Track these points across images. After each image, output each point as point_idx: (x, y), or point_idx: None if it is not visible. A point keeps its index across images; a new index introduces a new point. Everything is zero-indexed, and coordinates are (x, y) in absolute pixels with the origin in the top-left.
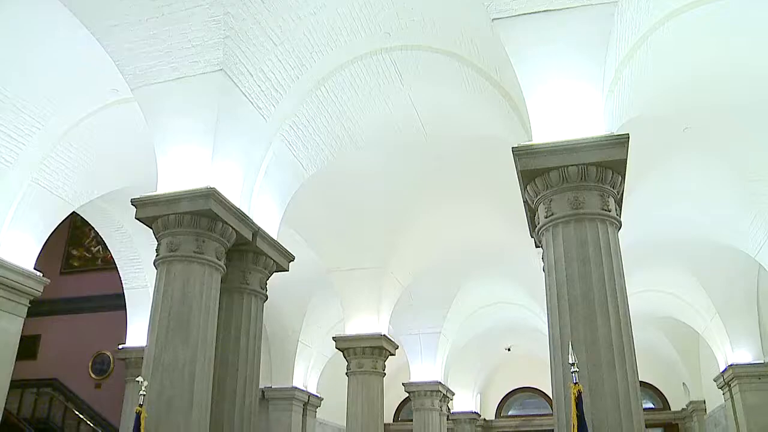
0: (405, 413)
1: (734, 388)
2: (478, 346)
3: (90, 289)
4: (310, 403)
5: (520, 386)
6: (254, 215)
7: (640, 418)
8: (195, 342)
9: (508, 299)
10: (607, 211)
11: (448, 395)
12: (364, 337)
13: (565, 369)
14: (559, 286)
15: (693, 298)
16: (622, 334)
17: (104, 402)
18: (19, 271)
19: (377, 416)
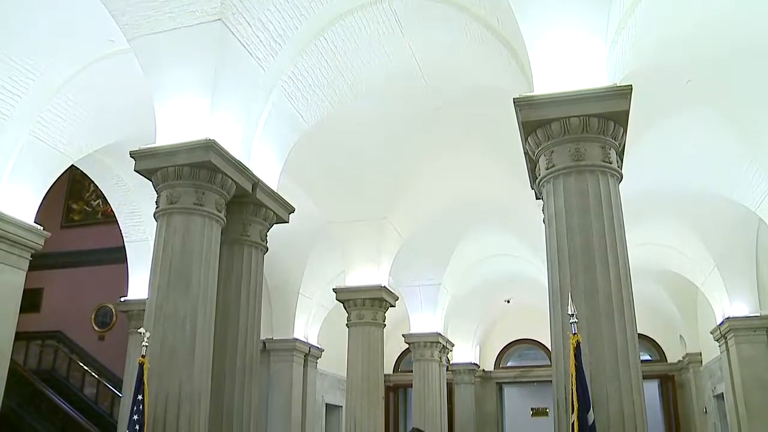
0: (405, 364)
1: (730, 340)
2: (478, 298)
3: (91, 242)
4: (310, 355)
5: (519, 338)
6: (254, 167)
7: (637, 369)
8: (196, 293)
9: (508, 251)
10: (608, 163)
11: (448, 346)
12: (364, 288)
13: (564, 320)
14: (559, 238)
15: (692, 251)
16: (622, 285)
17: (108, 353)
18: (20, 224)
19: (377, 367)
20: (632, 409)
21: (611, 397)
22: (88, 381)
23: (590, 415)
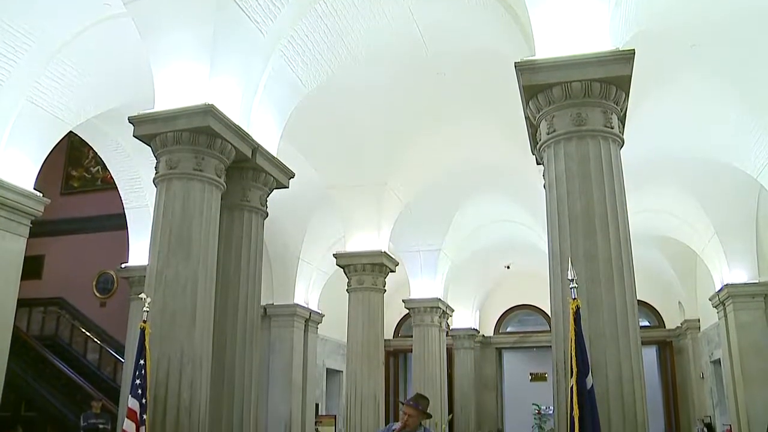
0: (405, 329)
1: (728, 307)
2: (478, 264)
3: (91, 209)
4: (311, 320)
5: (519, 303)
6: (253, 132)
7: (636, 334)
8: (196, 258)
9: (508, 217)
10: (609, 128)
11: (448, 312)
12: (364, 253)
13: (564, 284)
14: (560, 202)
15: (692, 218)
16: (622, 250)
17: (109, 319)
18: (19, 191)
19: (377, 332)
20: (630, 373)
21: (610, 362)
22: (91, 347)
23: (589, 379)
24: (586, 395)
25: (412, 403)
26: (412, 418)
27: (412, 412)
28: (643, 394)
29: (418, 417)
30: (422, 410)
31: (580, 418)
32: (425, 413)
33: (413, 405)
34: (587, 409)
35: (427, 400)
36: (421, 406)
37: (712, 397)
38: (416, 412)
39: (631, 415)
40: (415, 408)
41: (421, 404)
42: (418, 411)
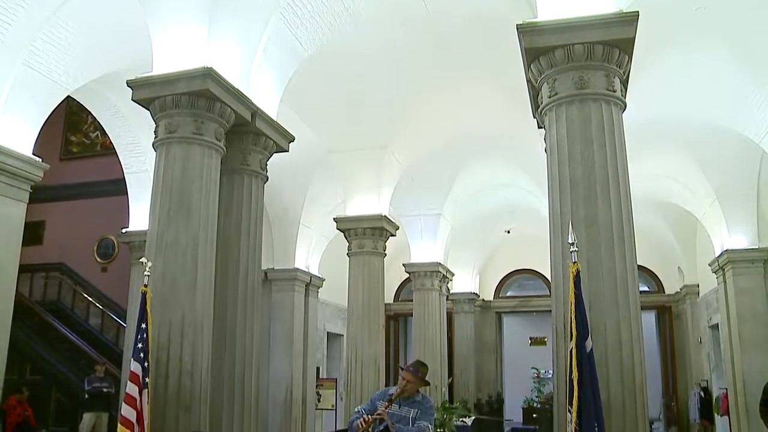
0: (405, 293)
1: (728, 272)
2: (478, 228)
3: (91, 174)
4: (311, 284)
5: (519, 268)
6: (253, 95)
7: (636, 298)
8: (196, 222)
9: (508, 181)
10: (611, 92)
11: (448, 276)
12: (364, 217)
13: (564, 248)
14: (561, 166)
15: (693, 183)
16: (623, 215)
17: (111, 284)
18: (18, 156)
19: (378, 296)
20: (630, 337)
21: (609, 326)
22: (93, 312)
23: (588, 342)
24: (585, 358)
25: (411, 369)
26: (410, 384)
27: (411, 378)
28: (641, 358)
29: (417, 383)
30: (421, 377)
31: (579, 381)
32: (424, 380)
33: (413, 371)
34: (586, 372)
35: (426, 368)
36: (421, 373)
37: (710, 362)
38: (415, 378)
39: (630, 379)
40: (414, 374)
41: (420, 371)
42: (417, 378)
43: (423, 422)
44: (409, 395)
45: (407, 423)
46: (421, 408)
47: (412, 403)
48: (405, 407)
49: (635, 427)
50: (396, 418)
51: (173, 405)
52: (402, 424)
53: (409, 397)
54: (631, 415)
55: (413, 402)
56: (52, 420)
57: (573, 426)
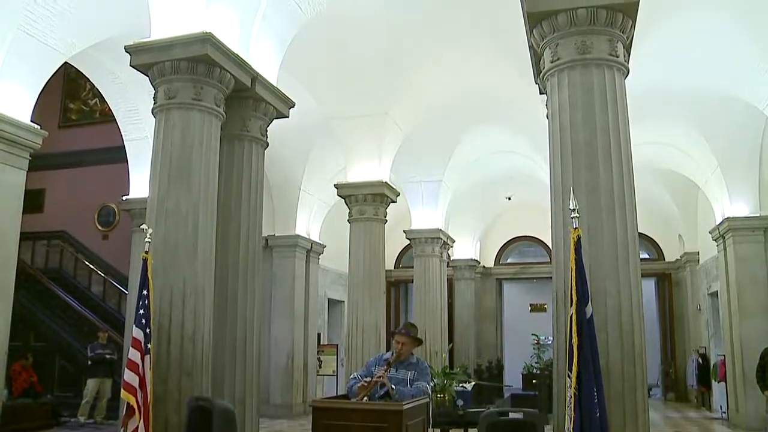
0: (406, 260)
1: (728, 240)
2: (479, 195)
3: (90, 142)
4: (312, 251)
5: (519, 235)
6: (252, 61)
7: (636, 264)
8: (197, 189)
9: (510, 148)
10: (614, 57)
11: (449, 242)
12: (365, 184)
13: (566, 214)
14: (563, 132)
15: (695, 150)
16: (624, 181)
17: (112, 252)
18: (16, 123)
19: (379, 262)
20: (630, 303)
21: (609, 292)
22: (95, 279)
23: (588, 308)
24: (585, 324)
25: (404, 332)
26: (405, 346)
27: (405, 340)
28: (641, 324)
29: (411, 344)
30: (414, 336)
31: (579, 346)
32: (417, 339)
33: (405, 333)
34: (586, 337)
35: (416, 328)
36: (412, 333)
37: (708, 329)
38: (409, 339)
39: (629, 345)
40: (408, 336)
41: (412, 331)
42: (410, 338)
43: (421, 382)
44: (404, 358)
45: (406, 385)
46: (417, 369)
47: (408, 365)
48: (402, 370)
49: (634, 392)
50: (395, 381)
51: (175, 370)
52: (401, 386)
53: (405, 360)
54: (630, 380)
55: (409, 364)
56: (57, 386)
57: (572, 391)
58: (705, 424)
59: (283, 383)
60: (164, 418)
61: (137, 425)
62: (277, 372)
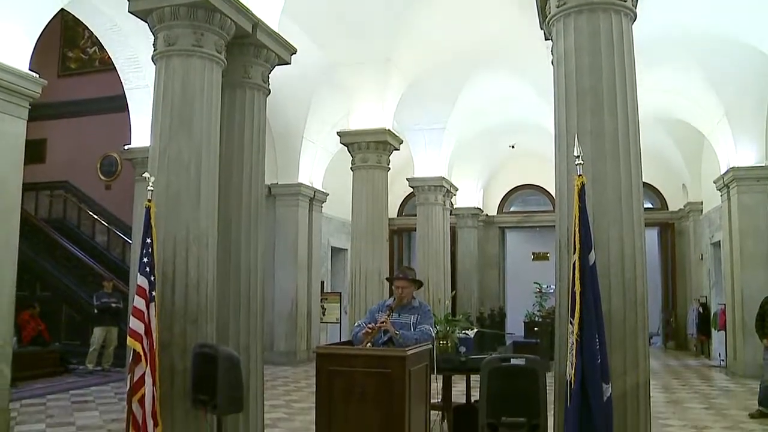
0: (409, 208)
1: (732, 189)
2: (483, 143)
3: (90, 91)
4: (315, 199)
5: (523, 183)
6: (253, 6)
7: (640, 212)
8: (198, 136)
9: (514, 96)
10: (622, 1)
11: (452, 191)
12: (368, 131)
13: (570, 161)
14: (568, 78)
15: (702, 99)
16: (629, 128)
17: (115, 202)
18: (14, 71)
19: (381, 210)
20: (633, 251)
21: (612, 239)
22: (99, 229)
23: (591, 255)
24: (588, 271)
25: (401, 275)
26: (405, 290)
27: (404, 284)
28: (644, 272)
29: (411, 287)
30: (413, 279)
31: (582, 293)
32: (417, 281)
33: (403, 277)
34: (589, 284)
35: (413, 270)
36: (410, 275)
37: (710, 278)
38: (408, 283)
39: (632, 292)
40: (405, 279)
41: (409, 274)
42: (409, 282)
43: (425, 326)
44: (406, 302)
45: (409, 329)
46: (420, 313)
47: (410, 309)
48: (405, 315)
49: (635, 339)
50: (398, 326)
51: (180, 318)
52: (404, 330)
53: (407, 305)
54: (631, 327)
55: (411, 308)
56: (65, 334)
57: (574, 337)
58: (703, 372)
59: (287, 331)
60: (170, 365)
61: (144, 371)
62: (281, 320)
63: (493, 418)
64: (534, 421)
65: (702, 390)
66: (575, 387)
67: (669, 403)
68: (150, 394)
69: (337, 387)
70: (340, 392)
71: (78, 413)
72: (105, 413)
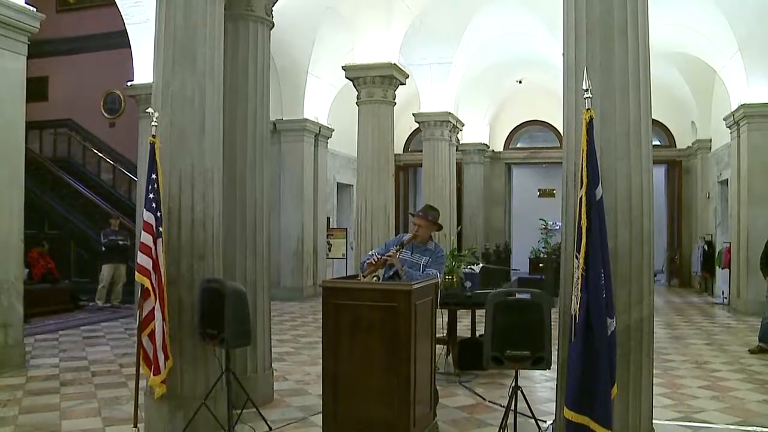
0: (415, 144)
1: (742, 127)
2: (489, 78)
3: (91, 27)
4: (321, 134)
5: (530, 119)
6: None
7: (648, 148)
8: (202, 71)
9: (522, 30)
10: None
11: (458, 126)
12: (374, 65)
13: (578, 95)
14: (578, 10)
15: (715, 33)
16: (640, 62)
17: (119, 139)
18: (10, 5)
19: (387, 146)
20: (640, 186)
21: (620, 175)
22: (104, 167)
23: (598, 190)
24: (594, 206)
25: (421, 214)
26: (422, 229)
27: (422, 222)
28: (650, 208)
29: (429, 228)
30: (432, 221)
31: (588, 228)
32: (436, 224)
33: (423, 216)
34: (595, 220)
35: (437, 212)
36: (431, 216)
37: (716, 217)
38: (427, 222)
39: (638, 228)
40: (425, 218)
41: (431, 215)
42: (428, 222)
43: (432, 270)
44: (422, 241)
45: (418, 269)
46: (433, 256)
47: (424, 250)
48: (417, 254)
49: (640, 275)
50: (408, 264)
51: (187, 253)
52: (413, 270)
53: (422, 244)
54: (636, 263)
55: (425, 249)
56: (74, 272)
57: (579, 272)
58: (706, 309)
59: (293, 267)
60: (177, 299)
61: (153, 306)
62: (287, 256)
63: (498, 351)
64: (538, 354)
65: (704, 326)
66: (580, 321)
67: (671, 338)
68: (160, 328)
69: (343, 321)
70: (346, 326)
71: (90, 348)
72: (116, 348)
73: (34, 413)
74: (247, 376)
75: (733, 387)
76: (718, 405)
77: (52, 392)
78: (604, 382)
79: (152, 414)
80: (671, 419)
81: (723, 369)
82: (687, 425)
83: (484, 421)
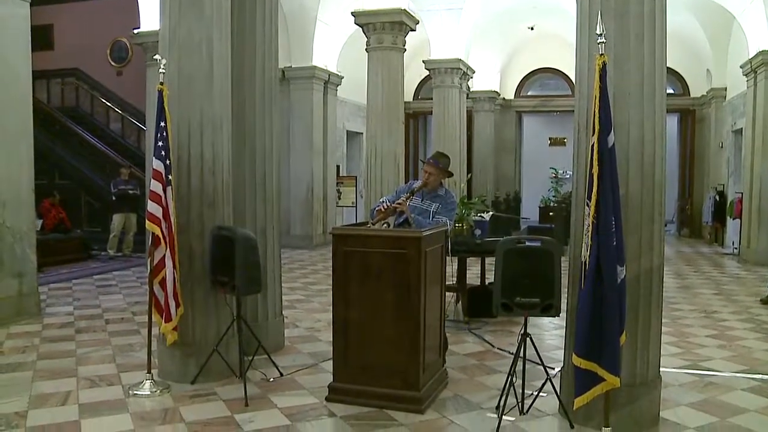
0: (425, 91)
1: (760, 74)
2: (501, 25)
3: None
4: (330, 82)
5: (541, 67)
6: None
7: (662, 96)
8: (209, 17)
9: None
10: None
11: (469, 73)
12: (383, 11)
13: (591, 41)
14: None
15: None
16: (655, 6)
17: (127, 88)
18: None
19: (397, 94)
20: (653, 134)
21: (633, 122)
22: (113, 116)
23: (610, 137)
24: (606, 153)
25: (432, 161)
26: (433, 176)
27: (432, 170)
28: (662, 157)
29: (439, 175)
30: (443, 168)
31: (599, 176)
32: (446, 171)
33: (433, 163)
34: (607, 166)
35: (447, 159)
36: (442, 164)
37: (728, 167)
38: (437, 170)
39: (650, 176)
40: (435, 166)
41: (441, 162)
42: (438, 169)
43: (442, 217)
44: (432, 188)
45: (428, 216)
46: (443, 202)
47: (434, 197)
48: (427, 201)
49: (651, 223)
50: (417, 211)
51: (197, 201)
52: (423, 217)
53: (433, 191)
54: (648, 211)
55: (436, 196)
56: (85, 221)
57: (590, 219)
58: (716, 259)
59: (303, 215)
60: (188, 247)
61: (164, 254)
62: (297, 204)
63: (508, 298)
64: (548, 301)
65: (713, 276)
66: (590, 269)
67: (680, 288)
68: (171, 275)
69: (353, 267)
70: (356, 273)
71: (103, 296)
72: (128, 296)
73: (52, 359)
74: (258, 323)
75: (740, 336)
76: (725, 354)
77: (68, 339)
78: (613, 329)
79: (165, 360)
80: (678, 367)
81: (731, 318)
82: (694, 373)
83: (493, 368)
